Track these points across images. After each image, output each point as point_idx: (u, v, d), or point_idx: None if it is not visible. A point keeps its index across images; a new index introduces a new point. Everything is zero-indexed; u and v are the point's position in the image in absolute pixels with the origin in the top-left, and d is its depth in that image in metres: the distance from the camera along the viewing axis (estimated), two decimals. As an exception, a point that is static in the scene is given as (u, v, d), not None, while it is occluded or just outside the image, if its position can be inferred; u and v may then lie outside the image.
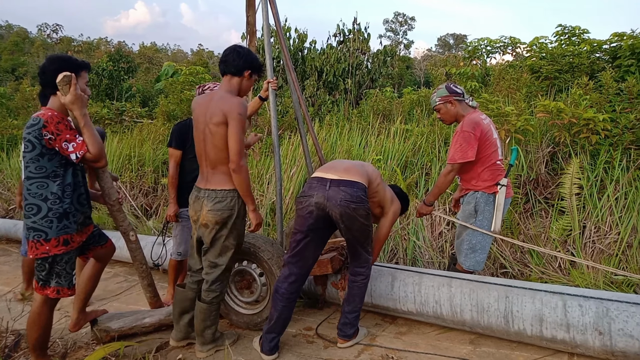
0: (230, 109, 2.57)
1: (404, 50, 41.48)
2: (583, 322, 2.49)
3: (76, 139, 2.44)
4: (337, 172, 2.75)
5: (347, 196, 2.62)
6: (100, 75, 17.22)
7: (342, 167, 2.82)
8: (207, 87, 3.49)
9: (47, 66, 2.47)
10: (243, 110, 2.60)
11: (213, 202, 2.66)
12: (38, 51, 39.15)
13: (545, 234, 4.26)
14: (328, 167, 2.88)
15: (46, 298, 2.54)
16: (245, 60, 2.72)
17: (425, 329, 3.19)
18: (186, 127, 3.53)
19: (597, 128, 4.40)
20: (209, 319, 2.85)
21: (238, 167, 2.60)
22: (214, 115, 2.60)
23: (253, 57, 2.78)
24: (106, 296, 4.05)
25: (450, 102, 3.28)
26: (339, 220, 2.65)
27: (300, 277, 2.82)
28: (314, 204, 2.67)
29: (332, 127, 7.11)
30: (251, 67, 2.75)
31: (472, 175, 3.23)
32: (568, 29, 6.69)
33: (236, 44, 2.84)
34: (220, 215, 2.66)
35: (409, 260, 4.44)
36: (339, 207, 2.61)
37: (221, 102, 2.62)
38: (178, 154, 3.52)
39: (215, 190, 2.68)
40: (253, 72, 2.78)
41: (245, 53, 2.74)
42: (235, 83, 2.75)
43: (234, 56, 2.72)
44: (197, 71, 11.43)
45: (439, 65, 12.74)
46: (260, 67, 2.84)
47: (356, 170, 2.78)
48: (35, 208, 2.42)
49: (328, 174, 2.75)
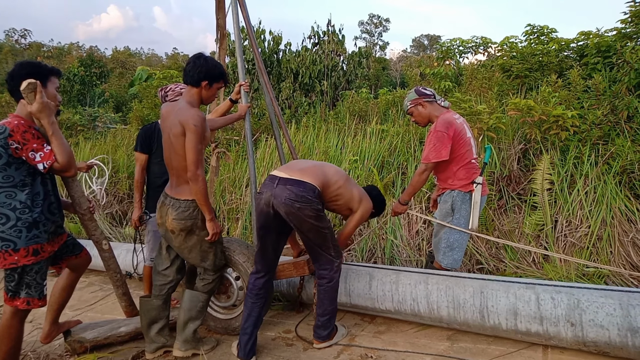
0: (186, 120, 2.58)
1: (379, 51, 41.80)
2: (555, 314, 2.55)
3: (43, 148, 2.38)
4: (291, 171, 2.79)
5: (292, 195, 2.65)
6: (71, 80, 16.87)
7: (298, 167, 2.85)
8: (168, 89, 3.47)
9: (17, 71, 2.42)
10: (199, 122, 2.59)
11: (176, 211, 2.70)
12: (6, 57, 38.03)
13: (519, 229, 4.34)
14: (286, 166, 2.93)
15: (16, 310, 2.47)
16: (201, 71, 2.70)
17: (404, 327, 3.22)
18: (151, 130, 3.52)
19: (566, 124, 4.51)
20: (195, 309, 2.88)
21: (194, 175, 2.62)
22: (174, 126, 2.64)
23: (210, 67, 2.73)
24: (80, 306, 3.96)
25: (420, 104, 3.34)
26: (287, 218, 2.70)
27: (266, 273, 2.89)
28: (264, 201, 2.73)
29: (309, 128, 7.11)
30: (207, 77, 2.72)
31: (448, 175, 3.27)
32: (537, 29, 6.83)
33: (199, 53, 2.80)
34: (184, 224, 2.70)
35: (387, 259, 4.47)
36: (284, 206, 2.66)
37: (180, 112, 2.64)
38: (143, 158, 3.50)
39: (179, 200, 2.72)
40: (211, 82, 2.75)
41: (202, 63, 2.71)
42: (194, 93, 2.75)
43: (190, 67, 2.72)
44: (171, 75, 11.28)
45: (414, 66, 12.89)
46: (219, 76, 2.80)
47: (312, 172, 2.80)
48: (3, 217, 2.36)
49: (281, 172, 2.80)
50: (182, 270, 3.05)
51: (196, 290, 2.93)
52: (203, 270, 2.93)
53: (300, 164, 2.94)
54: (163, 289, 2.96)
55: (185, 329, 2.88)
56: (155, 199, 3.43)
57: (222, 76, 2.83)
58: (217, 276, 2.96)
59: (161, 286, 2.96)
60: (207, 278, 2.93)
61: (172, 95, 3.44)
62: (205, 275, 2.93)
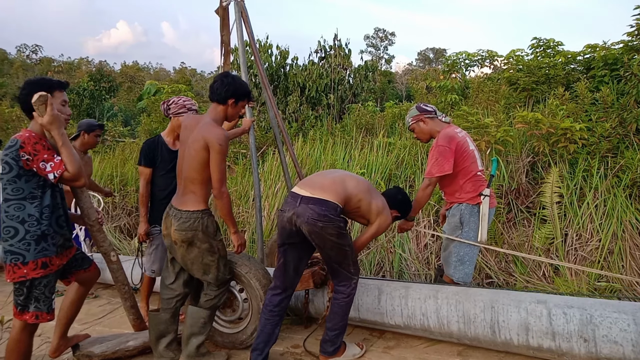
0: (212, 139, 2.64)
1: (385, 65, 42.06)
2: (568, 329, 2.51)
3: (54, 158, 2.40)
4: (313, 189, 2.76)
5: (315, 214, 2.65)
6: (81, 95, 17.09)
7: (319, 183, 2.81)
8: (171, 102, 3.49)
9: (20, 92, 2.45)
10: (224, 141, 2.67)
11: (178, 222, 2.73)
12: (17, 72, 38.69)
13: (529, 242, 4.30)
14: (307, 182, 2.89)
15: (25, 324, 2.47)
16: (228, 89, 2.78)
17: (414, 342, 3.18)
18: (155, 144, 3.52)
19: (574, 137, 4.49)
20: (197, 325, 2.87)
21: (219, 193, 2.72)
22: (197, 141, 2.68)
23: (237, 86, 2.82)
24: (88, 320, 3.95)
25: (422, 120, 3.36)
26: (309, 237, 2.69)
27: (284, 290, 2.85)
28: (286, 219, 2.73)
29: (315, 142, 7.14)
30: (235, 95, 2.81)
31: (454, 188, 3.27)
32: (543, 42, 6.86)
33: (226, 72, 2.93)
34: (185, 235, 2.72)
35: (395, 273, 4.44)
36: (307, 225, 2.66)
37: (205, 129, 2.69)
38: (147, 172, 3.50)
39: (181, 211, 2.75)
40: (238, 99, 2.84)
41: (229, 82, 2.80)
42: (220, 111, 2.82)
43: (218, 84, 2.80)
44: (179, 89, 11.40)
45: (420, 79, 12.94)
46: (246, 94, 2.90)
47: (333, 189, 2.77)
48: (12, 231, 2.37)
49: (302, 189, 2.78)
50: (190, 284, 3.04)
51: (199, 306, 2.92)
52: (207, 285, 2.92)
53: (321, 179, 2.89)
54: (171, 302, 2.96)
55: (189, 345, 2.87)
56: (159, 211, 3.43)
57: (248, 95, 2.93)
58: (220, 292, 2.92)
59: (168, 300, 2.96)
60: (209, 293, 2.91)
61: (175, 108, 3.46)
62: (208, 290, 2.92)
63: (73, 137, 3.92)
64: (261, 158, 7.23)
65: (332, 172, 3.04)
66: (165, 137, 3.58)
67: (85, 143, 3.94)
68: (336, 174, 2.97)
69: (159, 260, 3.57)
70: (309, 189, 2.77)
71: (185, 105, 3.46)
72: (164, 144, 3.53)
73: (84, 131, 3.92)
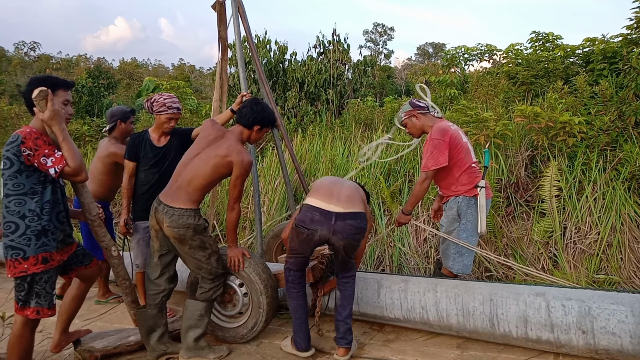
0: (239, 163, 2.82)
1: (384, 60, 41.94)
2: (566, 321, 2.53)
3: (55, 153, 2.41)
4: (340, 202, 2.78)
5: (354, 229, 2.75)
6: (79, 92, 17.05)
7: (343, 195, 2.83)
8: (153, 100, 3.47)
9: (25, 88, 2.46)
10: (249, 166, 2.88)
11: (170, 218, 2.79)
12: (16, 69, 38.55)
13: (528, 236, 4.32)
14: (327, 194, 2.83)
15: (26, 319, 2.49)
16: (256, 117, 2.96)
17: (413, 335, 3.20)
18: (139, 139, 3.54)
19: (573, 131, 4.50)
20: (193, 318, 2.92)
21: (232, 208, 2.95)
22: (221, 156, 2.84)
23: (265, 114, 3.00)
24: (90, 315, 3.96)
25: (414, 115, 3.40)
26: (341, 248, 2.77)
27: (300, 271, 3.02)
28: (318, 237, 2.76)
29: (315, 137, 7.14)
30: (261, 123, 2.99)
31: (450, 181, 3.28)
32: (542, 35, 6.84)
33: (256, 99, 3.09)
34: (177, 232, 2.79)
35: (395, 268, 4.45)
36: (345, 240, 2.74)
37: (234, 150, 2.85)
38: (131, 165, 3.53)
39: (173, 208, 2.80)
40: (263, 127, 3.03)
41: (258, 110, 2.97)
42: (245, 134, 3.02)
43: (247, 110, 2.98)
44: (178, 85, 11.37)
45: (419, 74, 12.91)
46: (271, 122, 3.09)
47: (356, 197, 2.87)
48: (13, 226, 2.38)
49: (331, 204, 2.77)
50: (174, 280, 3.11)
51: (195, 299, 2.99)
52: (201, 279, 2.98)
53: (340, 189, 2.88)
54: (156, 298, 3.02)
55: (187, 337, 2.93)
56: (140, 206, 3.53)
57: (273, 123, 3.12)
58: (214, 285, 2.99)
59: (154, 295, 3.02)
60: (204, 287, 2.98)
61: (157, 106, 3.44)
62: (202, 283, 2.99)
63: (109, 129, 3.91)
64: (260, 154, 7.23)
65: (342, 181, 3.06)
66: (152, 133, 3.58)
67: (123, 131, 3.93)
68: (345, 182, 3.04)
69: (142, 254, 3.59)
70: (337, 202, 2.78)
71: (166, 104, 3.44)
72: (149, 140, 3.54)
73: (120, 120, 3.90)
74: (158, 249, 2.98)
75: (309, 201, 2.85)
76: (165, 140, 3.56)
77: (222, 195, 5.88)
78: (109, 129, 3.91)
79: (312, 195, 2.89)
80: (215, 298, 3.06)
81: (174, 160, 3.53)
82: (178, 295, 4.12)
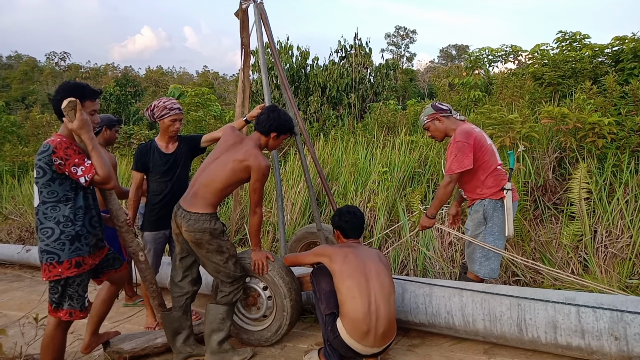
0: (257, 167, 2.86)
1: (406, 63, 41.74)
2: (598, 327, 2.46)
3: (84, 162, 2.48)
4: (377, 339, 2.67)
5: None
6: (108, 100, 17.53)
7: (381, 326, 2.67)
8: (153, 107, 3.45)
9: (54, 96, 2.53)
10: (267, 172, 2.93)
11: (187, 223, 2.83)
12: (47, 79, 39.90)
13: (557, 240, 4.22)
14: (363, 322, 2.65)
15: (59, 321, 2.57)
16: (272, 124, 3.00)
17: (439, 341, 3.16)
18: (146, 149, 3.50)
19: (603, 132, 4.38)
20: (215, 322, 2.96)
21: (254, 212, 3.00)
22: (239, 161, 2.87)
23: (282, 121, 3.03)
24: (118, 318, 4.06)
25: (437, 119, 3.35)
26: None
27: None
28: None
29: (337, 141, 7.15)
30: (277, 130, 3.02)
31: (475, 184, 3.24)
32: (569, 35, 6.70)
33: (274, 106, 3.14)
34: (194, 236, 2.82)
35: (419, 272, 4.41)
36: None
37: (252, 154, 2.88)
38: (139, 177, 3.51)
39: (190, 213, 2.84)
40: (280, 134, 3.06)
41: (275, 117, 3.01)
42: (263, 140, 3.06)
43: (264, 117, 3.02)
44: (202, 92, 11.59)
45: (442, 77, 12.80)
46: (288, 130, 3.11)
47: (393, 317, 2.77)
48: (49, 231, 2.46)
49: (367, 345, 2.67)
50: (198, 283, 3.16)
51: (216, 303, 3.03)
52: (220, 282, 3.02)
53: (374, 312, 2.70)
54: (180, 300, 3.07)
55: (210, 341, 2.97)
56: (152, 216, 3.48)
57: (290, 130, 3.14)
58: (234, 288, 3.01)
59: (178, 298, 3.07)
60: (223, 290, 3.01)
61: (158, 111, 3.42)
62: (222, 287, 3.02)
63: (94, 133, 3.98)
64: (282, 158, 7.28)
65: (376, 290, 2.76)
66: (158, 141, 3.54)
67: (107, 138, 3.99)
68: (380, 287, 2.77)
69: (154, 266, 3.52)
70: (374, 341, 2.68)
71: (167, 106, 3.42)
72: (157, 149, 3.50)
73: (106, 127, 3.97)
74: (179, 252, 3.03)
75: (341, 329, 2.69)
76: (173, 147, 3.53)
77: (246, 199, 5.93)
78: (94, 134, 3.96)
79: (342, 303, 2.71)
80: (236, 301, 3.08)
81: (185, 167, 3.55)
82: (204, 298, 4.18)
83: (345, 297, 2.70)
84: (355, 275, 2.73)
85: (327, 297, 2.83)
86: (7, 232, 7.63)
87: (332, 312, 2.78)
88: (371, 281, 2.73)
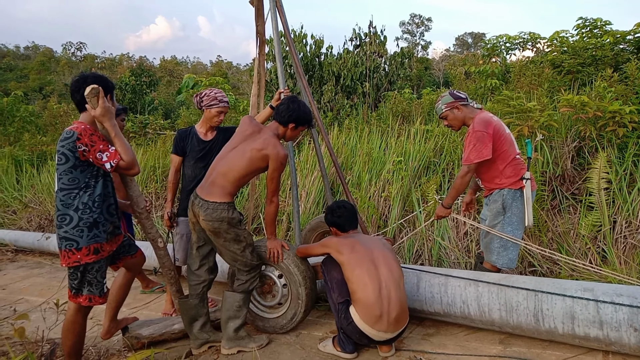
0: (275, 157, 2.87)
1: (421, 51, 41.24)
2: (617, 318, 2.43)
3: (109, 148, 2.52)
4: (390, 324, 2.70)
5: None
6: (123, 90, 17.67)
7: (393, 310, 2.70)
8: (203, 95, 3.52)
9: (71, 87, 2.56)
10: (285, 160, 2.94)
11: (205, 212, 2.84)
12: (64, 69, 40.33)
13: (575, 230, 4.16)
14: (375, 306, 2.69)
15: (79, 306, 2.61)
16: (291, 115, 3.00)
17: (454, 330, 3.16)
18: (186, 134, 3.61)
19: (624, 121, 4.28)
20: (232, 309, 3.00)
21: (270, 201, 3.01)
22: (257, 150, 2.89)
23: (301, 113, 3.02)
24: (136, 304, 4.13)
25: (456, 107, 3.28)
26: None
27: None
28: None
29: (351, 130, 7.11)
30: (296, 121, 3.02)
31: (494, 174, 3.20)
32: (589, 22, 6.54)
33: (294, 97, 3.12)
34: (212, 225, 2.84)
35: (434, 262, 4.39)
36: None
37: (270, 144, 2.90)
38: (177, 160, 3.61)
39: (207, 202, 2.86)
40: (298, 125, 3.06)
41: (294, 108, 3.01)
42: (281, 130, 3.06)
43: (284, 107, 3.02)
44: (216, 82, 11.60)
45: (458, 65, 12.62)
46: (307, 121, 3.10)
47: (404, 301, 2.81)
48: (67, 218, 2.50)
49: (380, 330, 2.70)
50: (214, 271, 3.19)
51: (232, 291, 3.06)
52: (237, 271, 3.05)
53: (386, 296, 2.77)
54: (197, 288, 3.10)
55: (227, 328, 3.01)
56: (186, 202, 3.51)
57: (309, 122, 3.13)
58: (250, 277, 3.05)
59: (195, 286, 3.11)
60: (240, 278, 3.05)
61: (207, 100, 3.50)
62: (239, 275, 3.06)
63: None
64: (297, 148, 7.28)
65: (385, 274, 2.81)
66: (199, 128, 3.64)
67: None
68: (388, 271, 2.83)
69: (183, 249, 3.65)
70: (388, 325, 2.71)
71: (217, 97, 3.50)
72: (196, 134, 3.60)
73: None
74: (196, 240, 3.07)
75: (354, 314, 2.73)
76: (211, 135, 3.62)
77: (261, 188, 5.96)
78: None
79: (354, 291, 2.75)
80: (252, 289, 3.11)
81: None
82: (219, 285, 4.22)
83: (357, 285, 2.73)
84: (364, 263, 2.77)
85: (339, 285, 2.86)
86: (27, 219, 7.78)
87: (345, 300, 2.80)
88: (380, 267, 2.78)
